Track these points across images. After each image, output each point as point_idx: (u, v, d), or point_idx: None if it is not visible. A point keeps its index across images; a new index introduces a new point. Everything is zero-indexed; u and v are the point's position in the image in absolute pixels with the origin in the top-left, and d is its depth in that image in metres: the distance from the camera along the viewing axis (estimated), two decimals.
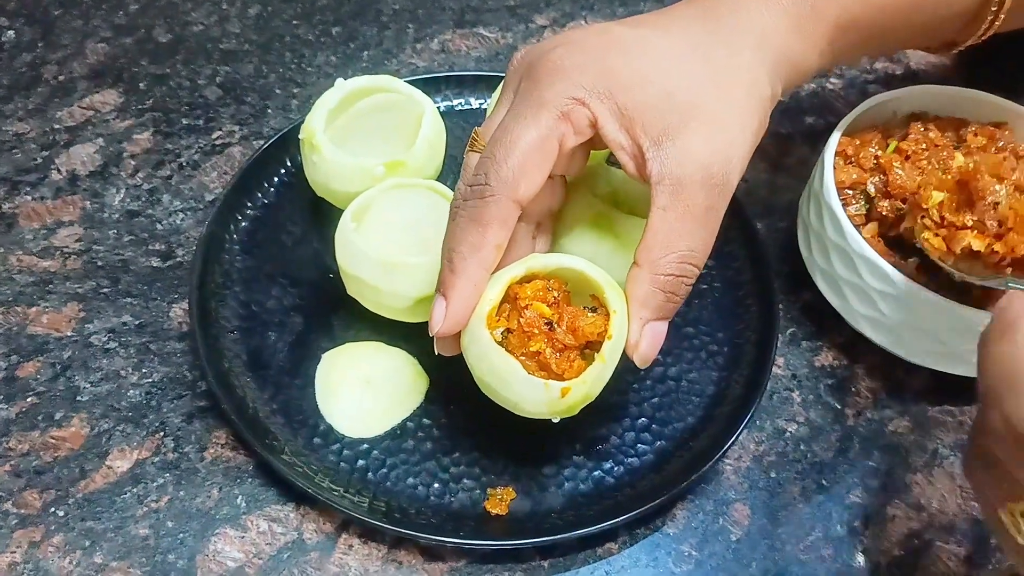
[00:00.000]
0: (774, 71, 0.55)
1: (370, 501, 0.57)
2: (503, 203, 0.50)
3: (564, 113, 0.50)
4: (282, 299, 0.67)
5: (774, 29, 0.55)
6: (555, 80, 0.51)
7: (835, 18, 0.57)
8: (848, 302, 0.65)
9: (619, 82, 0.51)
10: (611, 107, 0.50)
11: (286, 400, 0.62)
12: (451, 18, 0.89)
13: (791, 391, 0.66)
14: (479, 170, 0.51)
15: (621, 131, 0.51)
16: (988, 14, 0.62)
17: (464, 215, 0.51)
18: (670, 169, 0.50)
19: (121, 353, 0.65)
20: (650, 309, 0.51)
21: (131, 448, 0.61)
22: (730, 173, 0.51)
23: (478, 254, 0.50)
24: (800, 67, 0.57)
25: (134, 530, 0.57)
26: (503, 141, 0.50)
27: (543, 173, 0.51)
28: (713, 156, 0.50)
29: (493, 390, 0.51)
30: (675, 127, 0.50)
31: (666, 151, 0.50)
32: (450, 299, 0.50)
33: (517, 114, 0.51)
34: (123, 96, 0.81)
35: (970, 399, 0.66)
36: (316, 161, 0.65)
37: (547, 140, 0.50)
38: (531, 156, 0.50)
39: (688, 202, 0.50)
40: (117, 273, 0.69)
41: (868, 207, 0.65)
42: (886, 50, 0.66)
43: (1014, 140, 0.68)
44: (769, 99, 0.54)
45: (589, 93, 0.50)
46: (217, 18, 0.88)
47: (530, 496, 0.59)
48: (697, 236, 0.50)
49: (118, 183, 0.74)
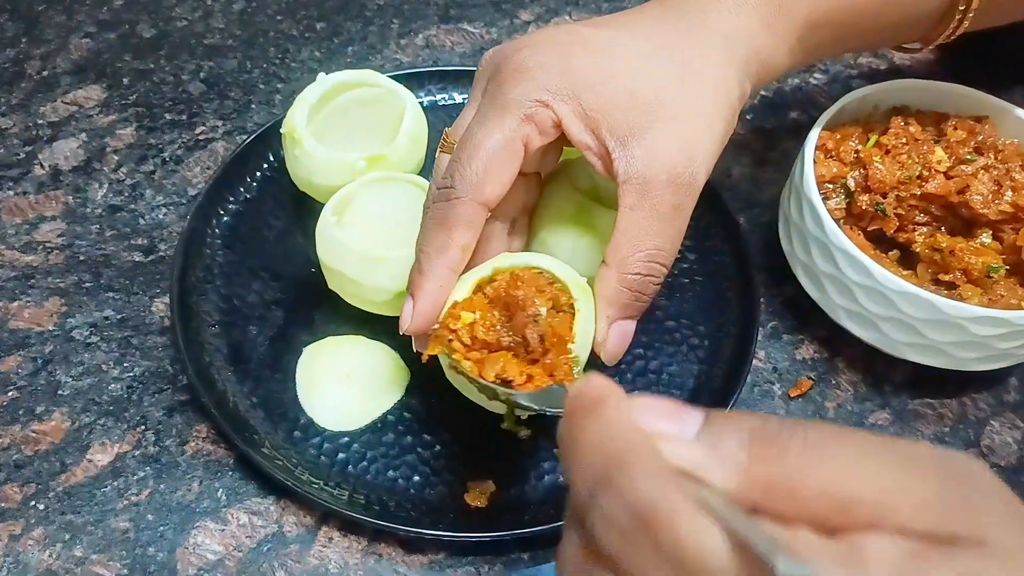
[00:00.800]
0: (743, 70, 0.55)
1: (350, 494, 0.57)
2: (469, 206, 0.51)
3: (528, 115, 0.51)
4: (263, 293, 0.67)
5: (743, 28, 0.55)
6: (519, 82, 0.51)
7: (804, 16, 0.57)
8: (828, 295, 0.65)
9: (583, 82, 0.51)
10: (575, 108, 0.51)
11: (267, 394, 0.62)
12: (436, 13, 0.89)
13: (772, 384, 0.66)
14: (446, 173, 0.51)
15: (586, 132, 0.51)
16: (956, 13, 0.62)
17: (431, 217, 0.52)
18: (636, 168, 0.50)
19: (103, 347, 0.65)
20: (616, 308, 0.51)
21: (112, 442, 0.61)
22: (696, 172, 0.51)
23: (444, 255, 0.51)
24: (770, 65, 0.57)
25: (114, 523, 0.57)
26: (468, 144, 0.51)
27: (509, 175, 0.51)
28: (679, 155, 0.50)
29: (460, 389, 0.52)
30: (641, 126, 0.50)
31: (632, 151, 0.50)
32: (417, 299, 0.51)
33: (482, 117, 0.52)
34: (106, 91, 0.81)
35: (951, 392, 0.67)
36: (298, 155, 0.65)
37: (512, 142, 0.51)
38: (496, 159, 0.50)
39: (655, 201, 0.50)
40: (99, 268, 0.69)
41: (848, 201, 0.66)
42: (858, 48, 0.67)
43: (994, 134, 0.68)
44: (737, 98, 0.55)
45: (553, 94, 0.51)
46: (201, 13, 0.88)
47: (510, 489, 0.59)
48: (664, 234, 0.51)
49: (101, 178, 0.74)
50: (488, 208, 0.52)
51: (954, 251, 0.61)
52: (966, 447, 0.64)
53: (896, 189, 0.64)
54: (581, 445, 0.31)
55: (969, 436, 0.65)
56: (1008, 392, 0.67)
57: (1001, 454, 0.64)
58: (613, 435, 0.30)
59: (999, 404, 0.67)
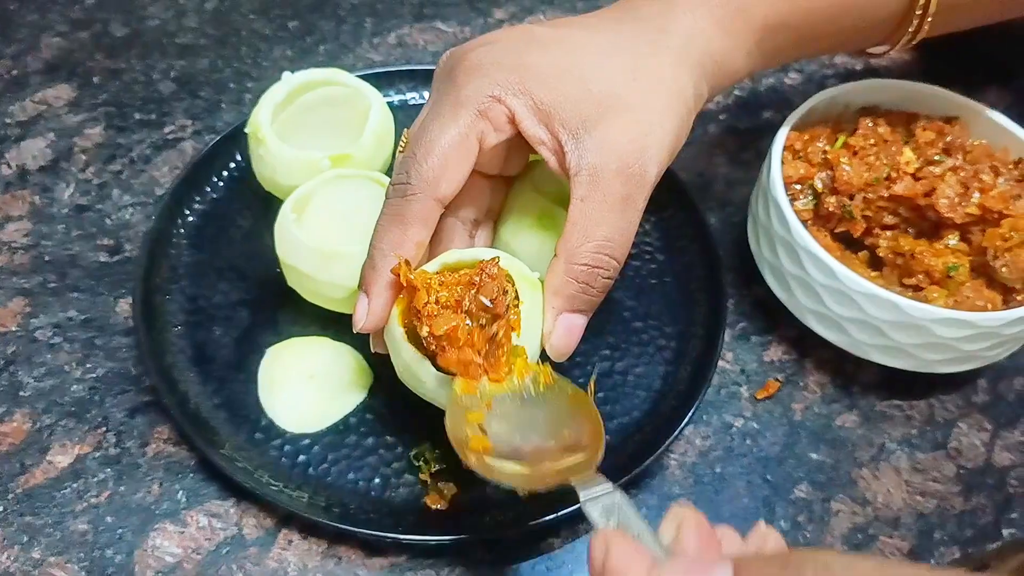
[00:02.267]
0: (699, 72, 0.55)
1: (310, 496, 0.57)
2: (424, 201, 0.51)
3: (482, 111, 0.51)
4: (229, 294, 0.66)
5: (698, 31, 0.55)
6: (472, 78, 0.51)
7: (762, 20, 0.57)
8: (795, 297, 0.64)
9: (535, 77, 0.51)
10: (527, 103, 0.51)
11: (229, 395, 0.61)
12: (410, 12, 0.89)
13: (739, 386, 0.66)
14: (401, 169, 0.52)
15: (540, 126, 0.51)
16: (914, 18, 0.62)
17: (386, 214, 0.52)
18: (587, 160, 0.50)
19: (66, 348, 0.65)
20: (562, 298, 0.51)
21: (72, 443, 0.60)
22: (647, 164, 0.51)
23: (398, 251, 0.51)
24: (727, 68, 0.57)
25: (73, 525, 0.57)
26: (423, 140, 0.51)
27: (464, 171, 0.51)
28: (629, 146, 0.50)
29: (412, 385, 0.52)
30: (592, 119, 0.50)
31: (584, 143, 0.50)
32: (372, 297, 0.51)
33: (436, 114, 0.52)
34: (76, 90, 0.80)
35: (919, 394, 0.66)
36: (262, 155, 0.65)
37: (466, 138, 0.51)
38: (451, 155, 0.51)
39: (605, 191, 0.50)
40: (65, 268, 0.69)
41: (816, 202, 0.65)
42: (817, 52, 0.66)
43: (964, 135, 0.68)
44: (692, 98, 0.54)
45: (505, 90, 0.51)
46: (174, 12, 0.87)
47: (471, 491, 0.58)
48: (614, 225, 0.50)
49: (68, 178, 0.74)
50: (443, 204, 0.52)
51: (915, 254, 0.61)
52: (933, 449, 0.64)
53: (863, 191, 0.64)
54: None
55: (937, 438, 0.65)
56: (977, 394, 0.67)
57: (968, 456, 0.64)
58: None
59: (967, 405, 0.66)
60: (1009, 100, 0.84)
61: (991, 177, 0.64)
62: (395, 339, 0.51)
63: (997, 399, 0.67)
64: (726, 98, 0.84)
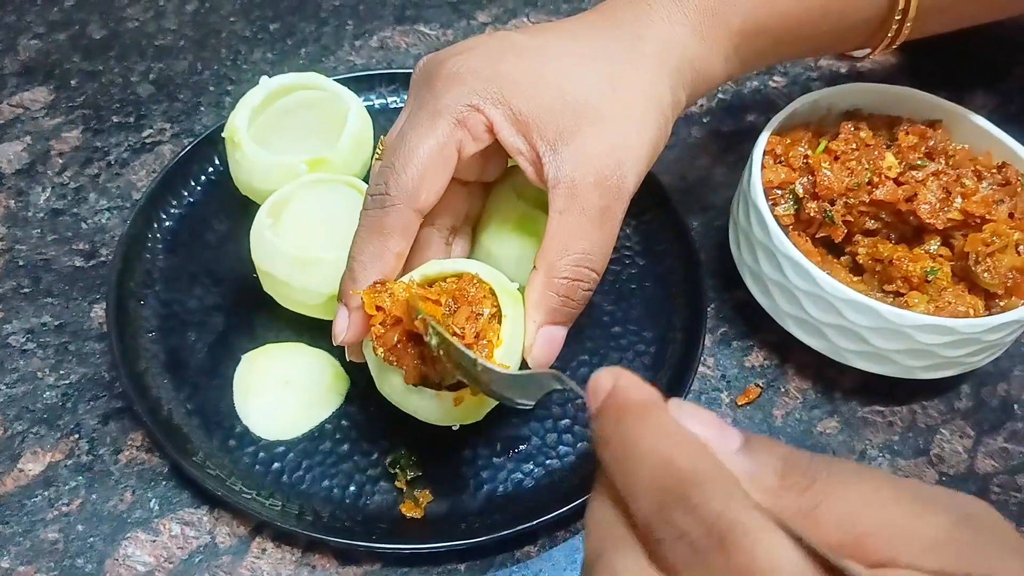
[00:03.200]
0: (677, 78, 0.54)
1: (283, 504, 0.56)
2: (403, 212, 0.50)
3: (460, 120, 0.50)
4: (204, 299, 0.66)
5: (676, 37, 0.55)
6: (450, 87, 0.51)
7: (739, 25, 0.57)
8: (776, 302, 0.64)
9: (514, 86, 0.51)
10: (506, 112, 0.50)
11: (203, 401, 0.61)
12: (392, 14, 0.88)
13: (720, 391, 0.65)
14: (379, 179, 0.51)
15: (518, 136, 0.51)
16: (893, 22, 0.62)
17: (364, 225, 0.51)
18: (565, 172, 0.50)
19: (39, 354, 0.64)
20: (543, 312, 0.50)
21: (44, 450, 0.60)
22: (625, 175, 0.50)
23: (378, 263, 0.50)
24: (705, 74, 0.57)
25: (43, 534, 0.56)
26: (401, 150, 0.50)
27: (443, 181, 0.51)
28: (607, 157, 0.50)
29: (392, 399, 0.52)
30: (569, 130, 0.50)
31: (561, 155, 0.50)
32: (351, 309, 0.51)
33: (414, 123, 0.51)
34: (54, 93, 0.80)
35: (901, 399, 0.66)
36: (239, 159, 0.64)
37: (445, 147, 0.50)
38: (429, 164, 0.50)
39: (583, 204, 0.49)
40: (39, 272, 0.68)
41: (797, 207, 0.65)
42: (797, 55, 0.66)
43: (947, 139, 0.68)
44: (670, 106, 0.54)
45: (483, 99, 0.50)
46: (153, 14, 0.87)
47: (447, 498, 0.58)
48: (593, 238, 0.50)
49: (44, 181, 0.73)
50: (422, 214, 0.51)
51: (893, 260, 0.61)
52: (915, 455, 0.63)
53: (844, 196, 0.63)
54: (641, 454, 0.31)
55: (919, 444, 0.64)
56: (959, 399, 0.67)
57: (951, 463, 0.63)
58: (677, 447, 0.31)
59: (950, 412, 0.66)
60: (995, 102, 0.84)
61: (973, 182, 0.64)
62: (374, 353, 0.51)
63: (979, 405, 0.66)
64: (710, 101, 0.83)
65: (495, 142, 0.52)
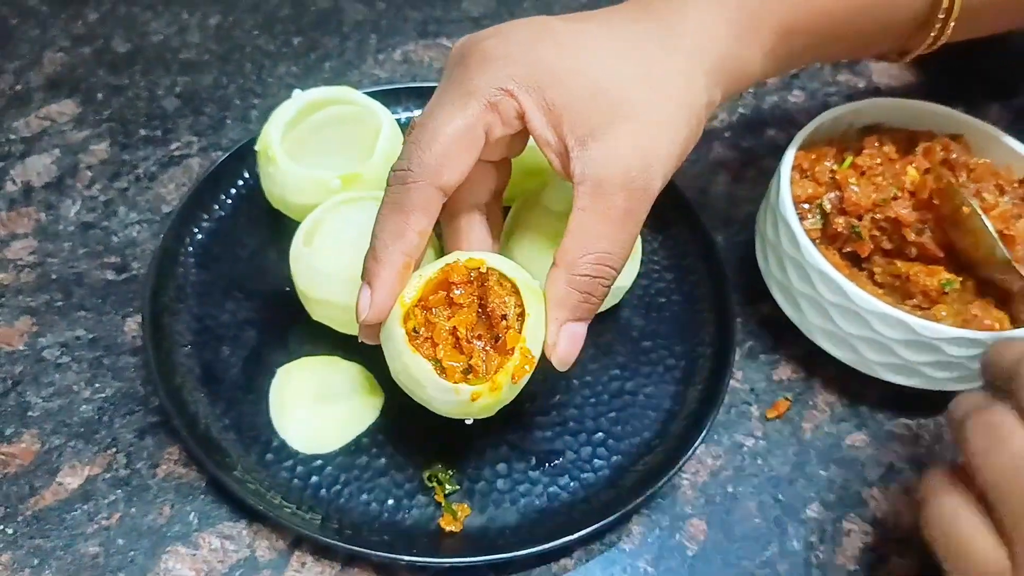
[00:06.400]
0: (712, 77, 0.54)
1: (323, 518, 0.57)
2: (425, 189, 0.50)
3: (492, 103, 0.50)
4: (236, 313, 0.66)
5: (714, 34, 0.54)
6: (485, 69, 0.50)
7: (778, 23, 0.56)
8: (804, 315, 0.65)
9: (549, 75, 0.50)
10: (539, 101, 0.50)
11: (239, 415, 0.61)
12: (414, 28, 0.89)
13: (749, 405, 0.66)
14: (403, 156, 0.50)
15: (548, 127, 0.51)
16: (936, 21, 0.61)
17: (387, 202, 0.51)
18: (592, 170, 0.49)
19: (73, 368, 0.64)
20: (566, 309, 0.50)
21: (82, 464, 0.60)
22: (651, 177, 0.50)
23: (400, 241, 0.50)
24: (741, 73, 0.56)
25: (84, 548, 0.56)
26: (428, 128, 0.50)
27: (468, 161, 0.50)
28: (634, 159, 0.50)
29: (407, 388, 0.51)
30: (600, 127, 0.50)
31: (590, 151, 0.50)
32: (374, 287, 0.50)
33: (444, 101, 0.51)
34: (80, 106, 0.80)
35: (926, 412, 0.67)
36: (272, 173, 0.64)
37: (473, 129, 0.50)
38: (455, 144, 0.49)
39: (607, 203, 0.49)
40: (71, 286, 0.68)
41: (824, 221, 0.66)
42: (834, 56, 0.65)
43: (968, 153, 0.68)
44: (703, 106, 0.54)
45: (518, 85, 0.50)
46: (177, 28, 0.87)
47: (484, 512, 0.58)
48: (615, 238, 0.50)
49: (74, 195, 0.74)
50: (445, 193, 0.51)
51: (910, 276, 0.62)
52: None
53: (871, 211, 0.64)
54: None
55: (946, 457, 0.65)
56: None
57: None
58: None
59: None
60: (1010, 118, 0.85)
61: (994, 196, 0.65)
62: (396, 341, 0.50)
63: None
64: (730, 116, 0.84)
65: (524, 129, 0.52)
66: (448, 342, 0.50)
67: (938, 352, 0.60)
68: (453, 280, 0.50)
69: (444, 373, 0.49)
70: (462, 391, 0.49)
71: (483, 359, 0.50)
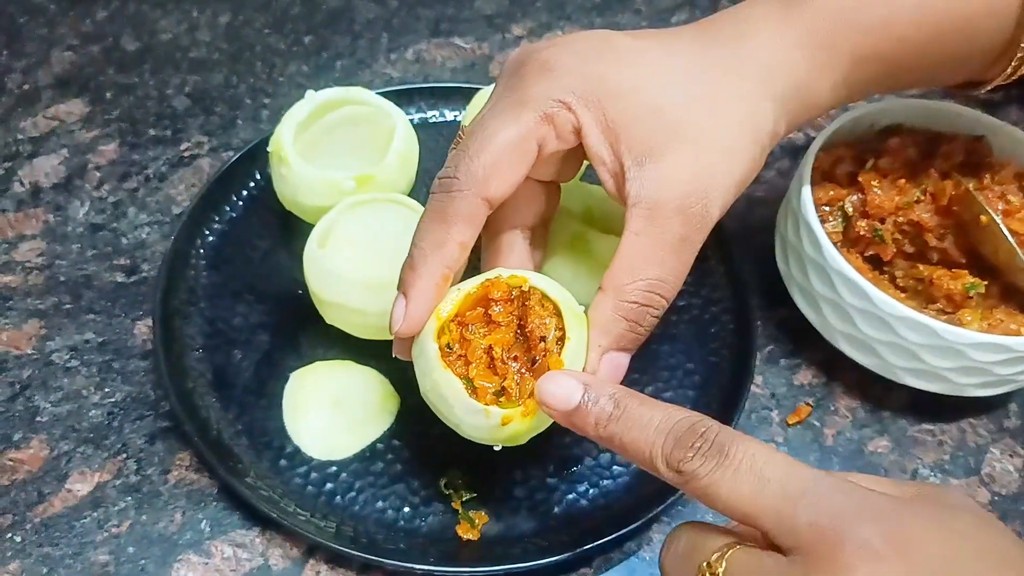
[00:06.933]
0: (779, 106, 0.51)
1: (338, 526, 0.56)
2: (470, 199, 0.47)
3: (548, 115, 0.48)
4: (249, 316, 0.65)
5: (784, 61, 0.51)
6: (542, 79, 0.48)
7: (851, 49, 0.52)
8: (826, 319, 0.64)
9: (609, 90, 0.48)
10: (598, 117, 0.48)
11: (252, 421, 0.60)
12: (426, 27, 0.88)
13: (770, 410, 0.65)
14: (450, 163, 0.48)
15: (604, 145, 0.48)
16: (1018, 51, 0.56)
17: (429, 210, 0.49)
18: (648, 192, 0.47)
19: (83, 372, 0.63)
20: (611, 337, 0.48)
21: (91, 471, 0.59)
22: (710, 205, 0.48)
23: (440, 251, 0.48)
24: (810, 103, 0.53)
25: (93, 556, 0.56)
26: (478, 136, 0.48)
27: (518, 174, 0.48)
28: (692, 184, 0.47)
29: (436, 408, 0.49)
30: (659, 148, 0.47)
31: (647, 173, 0.47)
32: (410, 298, 0.48)
33: (498, 109, 0.48)
34: (89, 106, 0.79)
35: (949, 417, 0.66)
36: (284, 174, 0.63)
37: (525, 140, 0.48)
38: (506, 154, 0.47)
39: (662, 229, 0.47)
40: (80, 289, 0.67)
41: (845, 224, 0.64)
42: (906, 85, 0.60)
43: (991, 155, 0.67)
44: (768, 135, 0.51)
45: (577, 98, 0.48)
46: (187, 27, 0.86)
47: (502, 520, 0.57)
48: (668, 266, 0.48)
49: (82, 196, 0.73)
50: (491, 205, 0.48)
51: (933, 280, 0.60)
52: (967, 475, 0.63)
53: (894, 215, 0.63)
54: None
55: (969, 464, 0.64)
56: (1008, 418, 0.66)
57: (1002, 482, 0.63)
58: None
59: (999, 430, 0.65)
60: None
61: (1019, 198, 0.64)
62: (427, 356, 0.48)
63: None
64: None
65: (578, 146, 0.50)
66: (483, 361, 0.47)
67: (963, 357, 0.59)
68: (493, 297, 0.48)
69: (475, 393, 0.47)
70: (492, 414, 0.46)
71: (517, 382, 0.47)
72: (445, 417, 0.49)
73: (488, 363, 0.47)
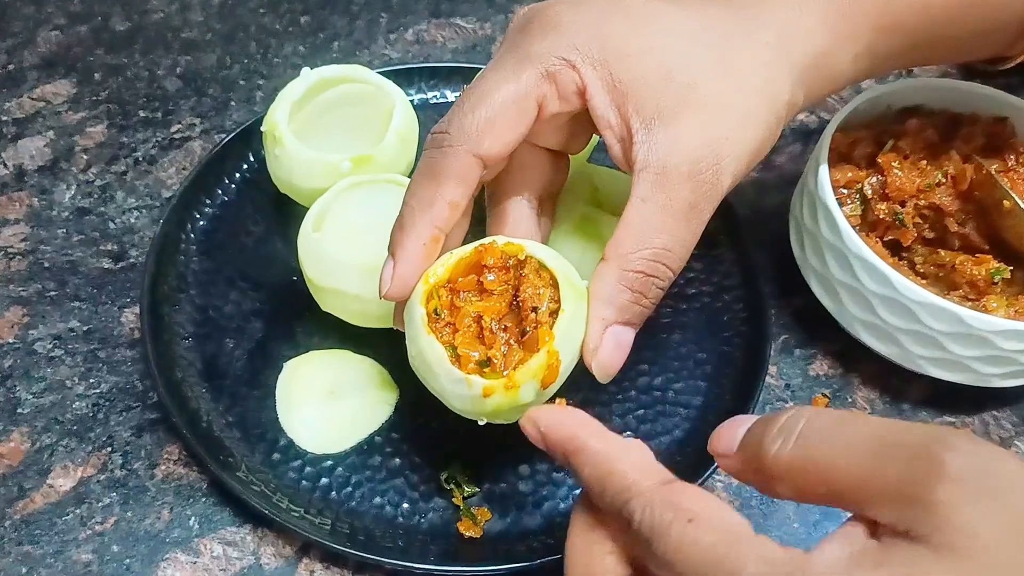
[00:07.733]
0: (797, 76, 0.49)
1: (333, 523, 0.53)
2: (461, 156, 0.45)
3: (550, 72, 0.46)
4: (241, 303, 0.63)
5: (802, 27, 0.49)
6: (546, 35, 0.46)
7: (875, 18, 0.50)
8: (844, 306, 0.61)
9: (617, 50, 0.46)
10: (604, 77, 0.46)
11: (243, 412, 0.58)
12: (426, 7, 0.86)
13: (785, 402, 0.63)
14: (444, 118, 0.46)
15: (611, 107, 0.46)
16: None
17: (420, 167, 0.47)
18: (657, 157, 0.45)
19: (67, 361, 0.61)
20: (614, 308, 0.45)
21: (75, 465, 0.57)
22: (721, 171, 0.46)
23: (429, 210, 0.45)
24: (830, 74, 0.51)
25: (76, 555, 0.53)
26: (475, 91, 0.46)
27: (515, 133, 0.46)
28: (704, 149, 0.45)
29: (423, 377, 0.47)
30: (669, 111, 0.45)
31: (656, 136, 0.45)
32: (398, 260, 0.46)
33: (499, 65, 0.46)
34: (76, 87, 0.77)
35: (971, 409, 0.63)
36: (279, 155, 0.61)
37: (525, 98, 0.46)
38: (503, 111, 0.45)
39: (670, 195, 0.45)
40: (65, 275, 0.65)
41: (863, 208, 0.62)
42: (930, 60, 0.58)
43: (1014, 136, 0.65)
44: (784, 105, 0.48)
45: (582, 56, 0.46)
46: (178, 6, 0.84)
47: (506, 516, 0.55)
48: (675, 234, 0.45)
49: (69, 179, 0.70)
50: (484, 163, 0.46)
51: (955, 266, 0.58)
52: None
53: (915, 198, 0.61)
54: None
55: None
56: None
57: None
58: None
59: (1023, 423, 0.63)
60: None
61: None
62: (414, 321, 0.46)
63: None
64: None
65: (583, 110, 0.47)
66: (471, 330, 0.45)
67: (989, 346, 0.56)
68: (486, 263, 0.46)
69: (458, 361, 0.44)
70: (474, 384, 0.44)
71: (504, 352, 0.45)
72: (431, 386, 0.47)
73: (477, 332, 0.45)
